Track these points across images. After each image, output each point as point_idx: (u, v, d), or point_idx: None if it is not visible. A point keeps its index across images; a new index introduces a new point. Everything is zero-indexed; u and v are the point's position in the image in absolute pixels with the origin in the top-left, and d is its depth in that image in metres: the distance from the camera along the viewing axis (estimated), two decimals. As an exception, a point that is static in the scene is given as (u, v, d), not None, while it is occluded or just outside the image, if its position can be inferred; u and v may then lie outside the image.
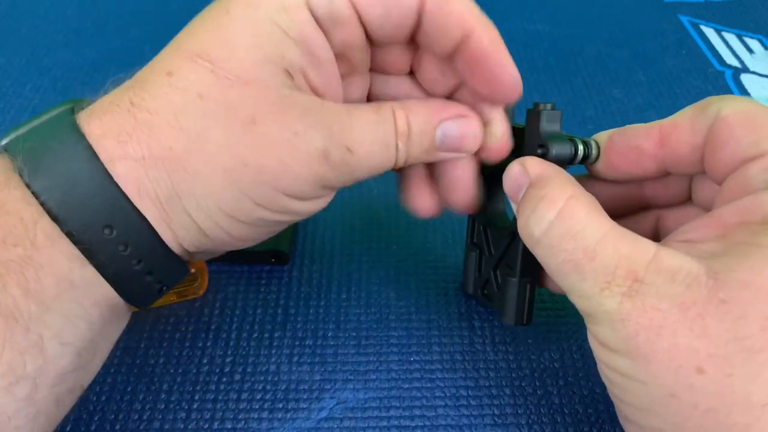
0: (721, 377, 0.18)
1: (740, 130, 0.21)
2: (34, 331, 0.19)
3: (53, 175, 0.20)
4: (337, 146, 0.21)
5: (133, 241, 0.21)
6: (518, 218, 0.23)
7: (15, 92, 0.43)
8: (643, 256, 0.20)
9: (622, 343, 0.19)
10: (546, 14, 0.52)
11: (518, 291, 0.26)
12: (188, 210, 0.21)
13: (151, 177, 0.20)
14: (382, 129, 0.23)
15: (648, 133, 0.24)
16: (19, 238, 0.19)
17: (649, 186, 0.26)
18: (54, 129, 0.21)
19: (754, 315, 0.18)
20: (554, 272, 0.22)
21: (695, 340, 0.18)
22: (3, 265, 0.19)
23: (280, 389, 0.27)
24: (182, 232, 0.21)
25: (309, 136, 0.21)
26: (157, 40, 0.22)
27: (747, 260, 0.19)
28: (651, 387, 0.19)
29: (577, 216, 0.21)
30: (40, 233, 0.19)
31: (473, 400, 0.27)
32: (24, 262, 0.19)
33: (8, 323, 0.18)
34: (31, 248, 0.19)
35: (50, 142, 0.20)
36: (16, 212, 0.19)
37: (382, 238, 0.34)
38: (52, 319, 0.19)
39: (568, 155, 0.24)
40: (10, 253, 0.19)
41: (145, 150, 0.20)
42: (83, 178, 0.20)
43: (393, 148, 0.23)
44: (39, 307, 0.19)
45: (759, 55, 0.49)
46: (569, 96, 0.44)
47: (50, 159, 0.20)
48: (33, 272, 0.19)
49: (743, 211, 0.20)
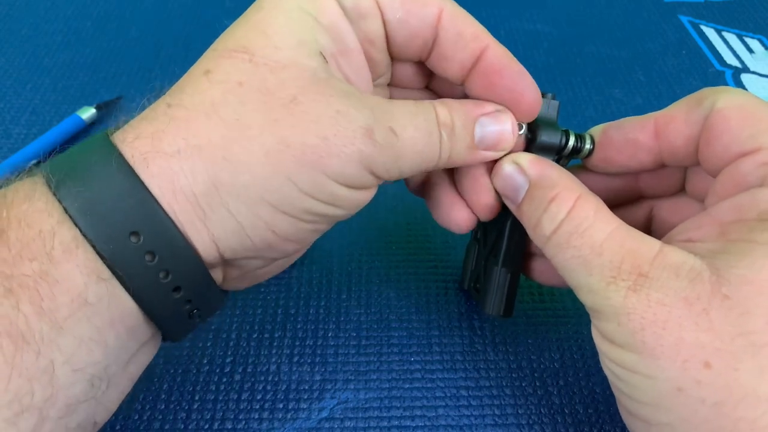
0: (727, 371, 0.18)
1: (735, 124, 0.21)
2: (45, 356, 0.18)
3: (78, 182, 0.19)
4: (381, 126, 0.21)
5: (162, 249, 0.19)
6: (526, 219, 0.23)
7: (15, 92, 0.42)
8: (648, 251, 0.20)
9: (628, 337, 0.20)
10: (546, 14, 0.52)
11: (499, 279, 0.26)
12: (227, 203, 0.20)
13: (187, 170, 0.19)
14: (423, 117, 0.22)
15: (643, 125, 0.24)
16: (36, 252, 0.18)
17: (643, 177, 0.26)
18: (86, 144, 0.20)
19: (759, 310, 0.18)
20: (562, 268, 0.22)
21: (701, 335, 0.19)
22: (17, 280, 0.18)
23: (281, 389, 0.27)
24: (219, 230, 0.20)
25: (351, 114, 0.20)
26: (158, 40, 0.23)
27: (746, 257, 0.19)
28: (658, 381, 0.19)
29: (585, 214, 0.22)
30: (58, 245, 0.18)
31: (473, 400, 0.27)
32: (39, 277, 0.18)
33: (18, 345, 0.17)
34: (47, 262, 0.18)
35: (80, 155, 0.20)
36: (36, 224, 0.18)
37: (382, 238, 0.34)
38: (64, 342, 0.18)
39: (556, 144, 0.25)
40: (25, 267, 0.18)
41: (180, 143, 0.19)
42: (109, 182, 0.19)
43: (437, 136, 0.22)
44: (52, 327, 0.18)
45: (759, 55, 0.49)
46: (569, 96, 0.44)
47: (77, 167, 0.19)
48: (48, 289, 0.18)
49: (739, 209, 0.21)
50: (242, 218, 0.20)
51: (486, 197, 0.25)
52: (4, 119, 0.40)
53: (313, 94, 0.20)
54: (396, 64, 0.25)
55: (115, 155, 0.19)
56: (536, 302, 0.31)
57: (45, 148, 0.37)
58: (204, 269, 0.21)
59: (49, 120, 0.40)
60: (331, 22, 0.21)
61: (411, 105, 0.22)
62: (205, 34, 0.48)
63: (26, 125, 0.40)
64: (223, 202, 0.20)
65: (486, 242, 0.28)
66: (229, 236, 0.20)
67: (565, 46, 0.49)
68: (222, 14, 0.50)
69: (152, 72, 0.44)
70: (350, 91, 0.21)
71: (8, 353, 0.17)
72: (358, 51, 0.23)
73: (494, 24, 0.51)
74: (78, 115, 0.39)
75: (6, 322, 0.17)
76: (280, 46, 0.20)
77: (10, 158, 0.36)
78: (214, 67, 0.21)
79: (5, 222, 0.18)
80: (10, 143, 0.39)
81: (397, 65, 0.25)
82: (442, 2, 0.23)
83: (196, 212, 0.20)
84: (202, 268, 0.20)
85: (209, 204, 0.20)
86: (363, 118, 0.20)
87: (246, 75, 0.20)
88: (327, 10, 0.21)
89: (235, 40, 0.21)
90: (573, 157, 0.26)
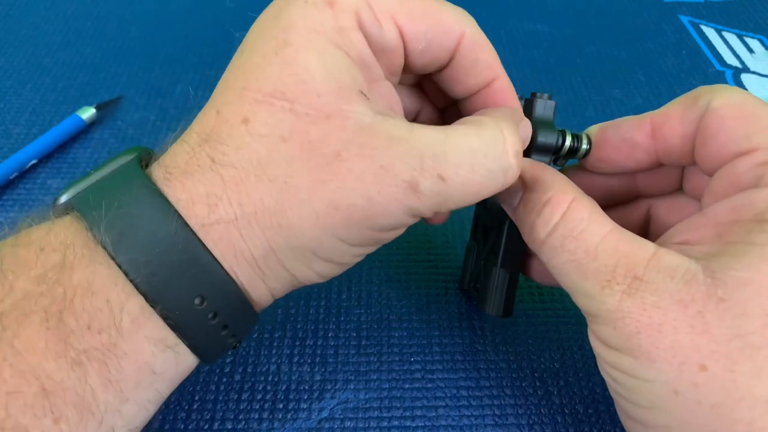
0: (724, 374, 0.18)
1: (731, 124, 0.21)
2: (108, 423, 0.18)
3: (140, 249, 0.18)
4: (428, 175, 0.20)
5: (224, 308, 0.20)
6: (521, 223, 0.23)
7: (15, 92, 0.42)
8: (642, 254, 0.20)
9: (624, 341, 0.20)
10: (546, 14, 0.52)
11: (498, 279, 0.26)
12: (283, 262, 0.20)
13: (246, 236, 0.19)
14: (483, 153, 0.20)
15: (639, 125, 0.24)
16: (104, 324, 0.18)
17: (640, 176, 0.26)
18: (131, 192, 0.19)
19: (755, 312, 0.18)
20: (557, 272, 0.22)
21: (697, 337, 0.19)
22: (86, 353, 0.18)
23: (281, 389, 0.27)
24: (276, 284, 0.21)
25: (396, 167, 0.19)
26: (158, 40, 0.22)
27: (743, 259, 0.19)
28: (655, 385, 0.19)
29: (579, 217, 0.21)
30: (126, 317, 0.18)
31: (474, 401, 0.27)
32: (107, 350, 0.18)
33: (83, 417, 0.17)
34: (116, 335, 0.18)
35: (130, 209, 0.19)
36: (102, 293, 0.18)
37: (383, 238, 0.34)
38: (127, 409, 0.19)
39: (553, 144, 0.25)
40: (95, 340, 0.18)
41: (237, 209, 0.19)
42: (173, 250, 0.18)
43: (499, 175, 0.21)
44: (117, 398, 0.18)
45: (759, 55, 0.49)
46: (569, 96, 0.44)
47: (135, 230, 0.18)
48: (116, 361, 0.18)
49: (736, 210, 0.21)
50: (296, 272, 0.21)
51: None
52: (4, 119, 0.40)
53: (356, 148, 0.19)
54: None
55: (175, 219, 0.19)
56: (536, 302, 0.31)
57: (45, 148, 0.37)
58: (255, 314, 0.21)
59: (49, 120, 0.40)
60: (359, 54, 0.21)
61: (474, 137, 0.20)
62: (205, 34, 0.48)
63: (26, 125, 0.40)
64: (279, 261, 0.20)
65: (485, 242, 0.28)
66: (283, 285, 0.21)
67: (565, 46, 0.49)
68: (222, 14, 0.50)
69: (152, 72, 0.44)
70: (398, 135, 0.20)
71: (74, 423, 0.17)
72: (383, 77, 0.22)
73: (494, 24, 0.51)
74: (78, 115, 0.39)
75: (73, 395, 0.17)
76: (321, 93, 0.19)
77: (10, 158, 0.36)
78: (252, 115, 0.19)
79: (71, 290, 0.18)
80: (10, 143, 0.39)
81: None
82: (464, 25, 0.22)
83: (256, 273, 0.20)
84: (254, 314, 0.21)
85: (267, 264, 0.20)
86: (407, 170, 0.19)
87: (288, 129, 0.19)
88: (355, 42, 0.20)
89: (271, 83, 0.19)
90: (570, 157, 0.26)
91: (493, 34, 0.50)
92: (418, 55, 0.22)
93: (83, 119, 0.39)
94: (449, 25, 0.22)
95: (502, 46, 0.48)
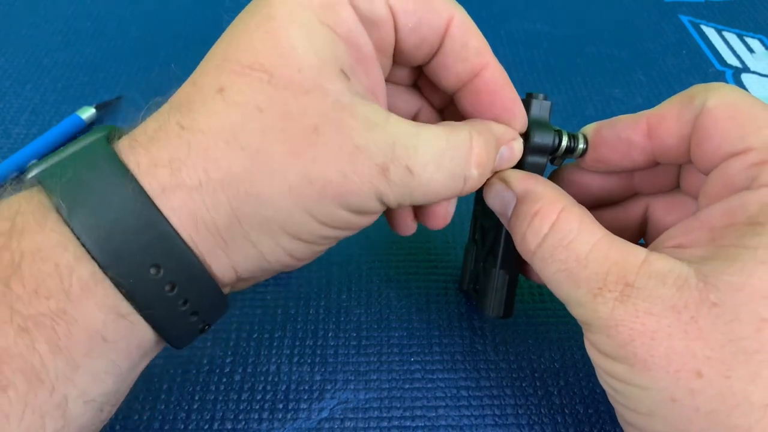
0: (719, 380, 0.18)
1: (725, 124, 0.21)
2: (60, 392, 0.17)
3: (94, 213, 0.18)
4: (398, 164, 0.20)
5: (182, 280, 0.19)
6: (514, 234, 0.23)
7: (15, 92, 0.42)
8: (633, 261, 0.20)
9: (619, 349, 0.20)
10: (546, 14, 0.52)
11: (498, 281, 0.26)
12: (249, 234, 0.20)
13: (209, 204, 0.19)
14: (450, 155, 0.21)
15: (635, 124, 0.24)
16: (53, 290, 0.17)
17: (637, 175, 0.26)
18: (91, 160, 0.19)
19: (748, 317, 0.18)
20: (550, 282, 0.22)
21: (691, 343, 0.18)
22: (33, 319, 0.17)
23: (281, 389, 0.27)
24: (240, 258, 0.20)
25: (370, 150, 0.19)
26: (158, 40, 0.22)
27: (735, 263, 0.19)
28: (652, 392, 0.19)
29: (569, 227, 0.21)
30: (76, 282, 0.18)
31: (474, 401, 0.27)
32: (56, 316, 0.17)
33: (32, 384, 0.17)
34: (65, 300, 0.17)
35: (88, 175, 0.18)
36: (51, 258, 0.18)
37: (382, 238, 0.34)
38: (79, 378, 0.18)
39: (549, 144, 0.25)
40: (42, 306, 0.17)
41: (201, 175, 0.19)
42: (128, 215, 0.18)
43: (460, 179, 0.22)
44: (67, 365, 0.18)
45: (759, 54, 0.49)
46: (569, 96, 0.44)
47: (89, 194, 0.18)
48: (65, 327, 0.17)
49: (729, 212, 0.20)
50: (263, 247, 0.20)
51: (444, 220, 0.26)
52: (4, 119, 0.40)
53: (334, 124, 0.19)
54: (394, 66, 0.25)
55: (132, 184, 0.18)
56: (536, 302, 0.31)
57: (45, 148, 0.37)
58: (220, 292, 0.21)
59: (49, 120, 0.40)
60: (348, 31, 0.20)
61: (443, 138, 0.21)
62: (205, 34, 0.48)
63: (26, 125, 0.40)
64: (245, 233, 0.20)
65: (484, 243, 0.28)
66: (248, 262, 0.20)
67: (565, 46, 0.49)
68: (222, 13, 0.50)
69: (152, 72, 0.44)
70: (375, 120, 0.20)
71: (22, 391, 0.17)
72: (374, 59, 0.22)
73: (494, 24, 0.51)
74: (78, 115, 0.39)
75: (21, 361, 0.17)
76: (302, 68, 0.19)
77: (10, 158, 0.36)
78: (229, 85, 0.19)
79: (18, 255, 0.17)
80: (10, 143, 0.39)
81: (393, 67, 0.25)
82: (453, 9, 0.22)
83: (217, 243, 0.19)
84: (219, 292, 0.21)
85: (231, 236, 0.19)
86: (381, 155, 0.20)
87: (266, 100, 0.19)
88: (344, 18, 0.20)
89: (249, 55, 0.19)
90: (566, 157, 0.26)
91: (493, 34, 0.50)
92: (408, 33, 0.22)
93: (83, 119, 0.39)
94: (438, 6, 0.22)
95: (502, 46, 0.48)
